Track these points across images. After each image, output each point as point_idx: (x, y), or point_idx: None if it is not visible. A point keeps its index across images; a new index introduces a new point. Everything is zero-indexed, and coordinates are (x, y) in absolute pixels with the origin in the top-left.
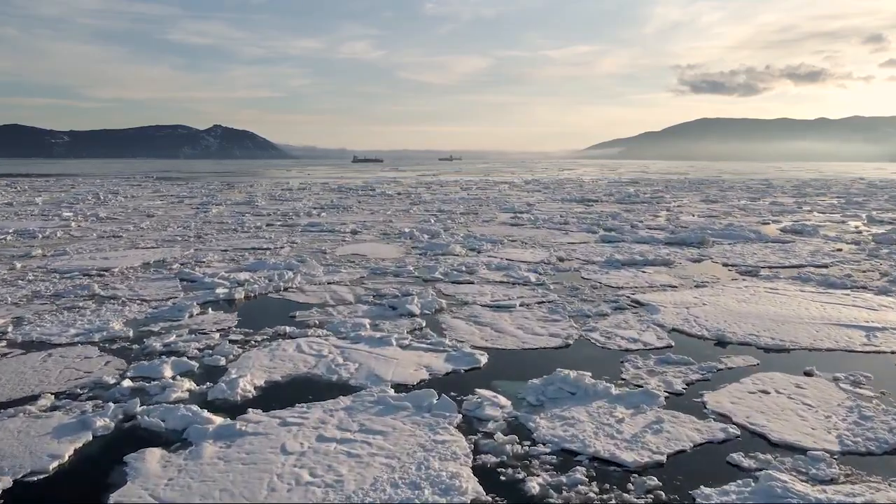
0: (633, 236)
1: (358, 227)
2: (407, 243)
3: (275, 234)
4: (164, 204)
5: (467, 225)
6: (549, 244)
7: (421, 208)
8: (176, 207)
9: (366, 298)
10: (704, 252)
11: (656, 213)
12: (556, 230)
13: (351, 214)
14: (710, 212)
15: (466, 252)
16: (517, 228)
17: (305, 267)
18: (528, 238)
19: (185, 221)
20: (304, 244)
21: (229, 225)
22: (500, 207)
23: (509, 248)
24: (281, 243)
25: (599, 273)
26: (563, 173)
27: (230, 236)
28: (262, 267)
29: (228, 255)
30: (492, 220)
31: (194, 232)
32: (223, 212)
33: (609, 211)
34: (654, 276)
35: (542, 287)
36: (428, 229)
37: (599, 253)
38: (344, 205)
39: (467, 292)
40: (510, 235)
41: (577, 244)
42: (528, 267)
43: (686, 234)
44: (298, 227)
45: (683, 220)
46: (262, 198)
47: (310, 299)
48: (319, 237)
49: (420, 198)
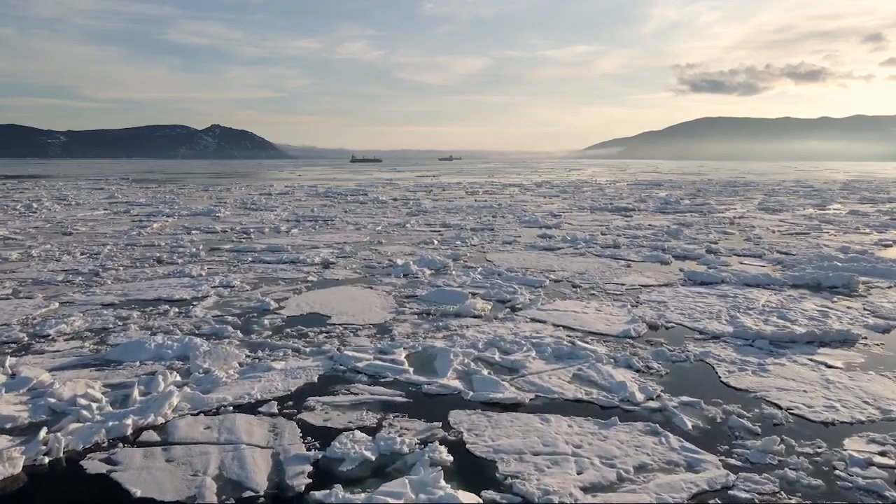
0: (729, 272)
1: (333, 253)
2: (398, 288)
3: (210, 267)
4: (103, 215)
5: (483, 248)
6: (613, 288)
7: (420, 220)
8: (114, 220)
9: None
10: (873, 305)
11: (724, 230)
12: (609, 258)
13: (330, 231)
14: (787, 226)
15: (493, 309)
16: (554, 255)
17: (210, 359)
18: (577, 274)
19: (102, 243)
20: (240, 290)
21: (157, 250)
22: (519, 219)
23: (558, 297)
24: (208, 288)
25: (745, 369)
26: (572, 174)
27: (140, 274)
28: (131, 357)
29: (97, 322)
30: (514, 239)
31: (95, 264)
32: (167, 227)
33: (658, 225)
34: (866, 383)
35: (667, 424)
36: (430, 259)
37: (708, 311)
38: (325, 216)
39: (516, 450)
40: (549, 269)
41: (657, 288)
42: (610, 352)
43: (812, 270)
44: (251, 253)
45: (774, 242)
46: (231, 206)
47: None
48: (272, 274)
49: (419, 205)
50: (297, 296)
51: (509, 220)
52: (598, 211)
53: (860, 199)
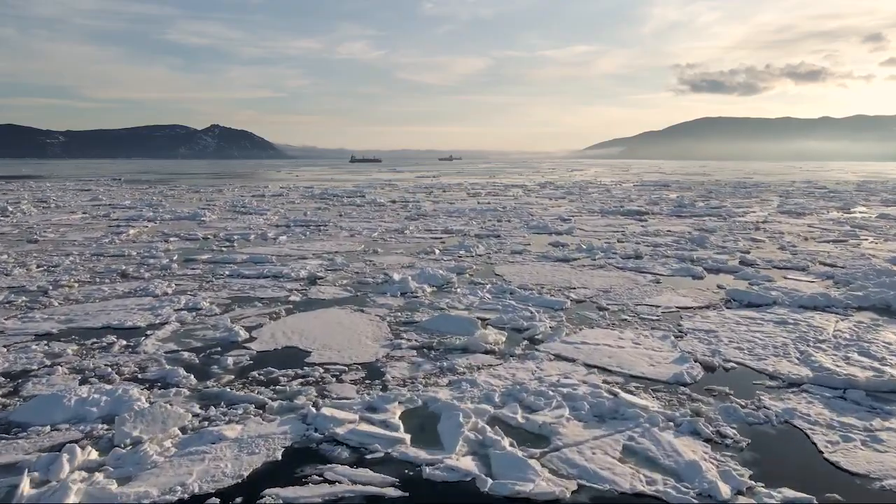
0: (777, 290)
1: (322, 265)
2: (395, 311)
3: (179, 284)
4: (80, 219)
5: (490, 259)
6: (647, 311)
7: (420, 225)
8: (89, 225)
9: None
10: None
11: (751, 236)
12: (633, 270)
13: (321, 238)
14: (818, 232)
15: (507, 342)
16: (570, 268)
17: (143, 424)
18: (601, 293)
19: (66, 253)
20: (208, 315)
21: (125, 261)
22: (526, 224)
23: (583, 324)
24: (170, 311)
25: (849, 437)
26: (575, 174)
27: (95, 292)
28: (42, 418)
29: (19, 363)
30: (524, 248)
31: (48, 279)
32: (144, 233)
33: (678, 230)
34: None
35: None
36: (431, 273)
37: (770, 344)
38: (318, 220)
39: None
40: (568, 285)
41: (698, 311)
42: (664, 408)
43: (875, 288)
44: (230, 265)
45: (813, 252)
46: (220, 209)
47: None
48: (249, 293)
49: (419, 208)
50: (273, 322)
51: (516, 226)
52: (609, 214)
53: (882, 202)
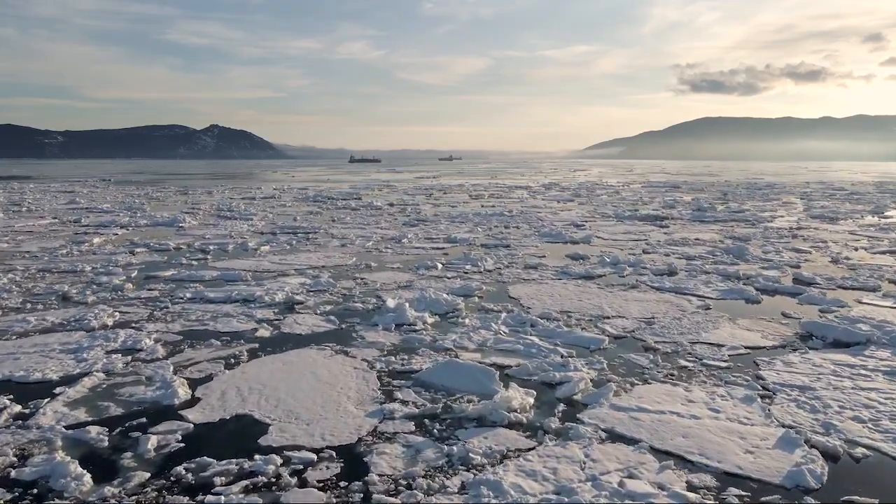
0: (867, 324)
1: (304, 285)
2: (387, 353)
3: (126, 312)
4: (46, 225)
5: (501, 275)
6: (709, 353)
7: (420, 232)
8: (53, 232)
9: None
10: None
11: (792, 246)
12: (672, 292)
13: (307, 249)
14: (864, 240)
15: (537, 407)
16: (597, 287)
17: None
18: (643, 325)
19: (9, 268)
20: (145, 361)
21: (74, 279)
22: (537, 231)
23: (632, 375)
24: (98, 355)
25: None
26: (578, 175)
27: (15, 325)
28: None
29: None
30: (539, 262)
31: None
32: (111, 243)
33: (707, 238)
34: None
35: None
36: (432, 298)
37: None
38: (308, 226)
39: None
40: (599, 313)
41: (775, 353)
42: None
43: None
44: (194, 286)
45: (875, 267)
46: (204, 213)
47: None
48: (209, 324)
49: (418, 212)
50: (228, 372)
51: (526, 233)
52: (625, 220)
53: None
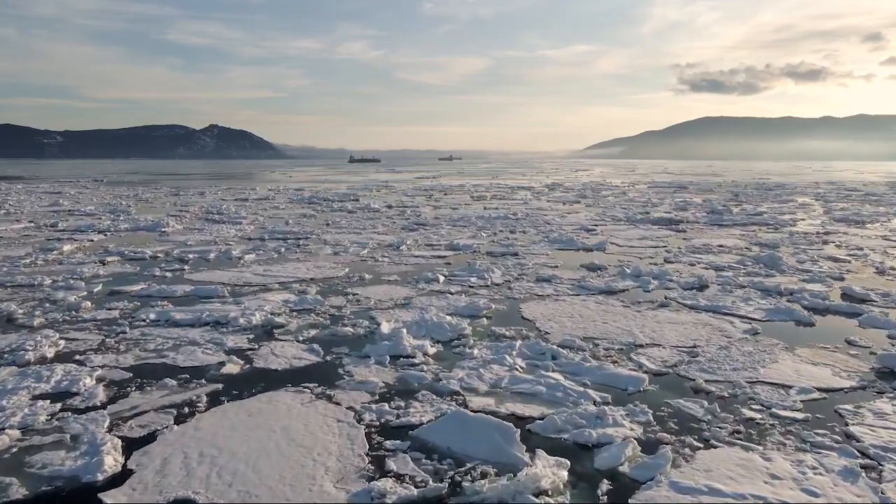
0: None
1: (287, 304)
2: (377, 397)
3: (73, 339)
4: (20, 230)
5: (511, 290)
6: (776, 398)
7: (420, 238)
8: (24, 238)
9: None
10: None
11: (828, 254)
12: (709, 311)
13: (296, 258)
14: None
15: (572, 485)
16: (623, 306)
17: None
18: (687, 356)
19: None
20: (78, 407)
21: (27, 294)
22: (546, 237)
23: (687, 431)
24: (22, 400)
25: None
26: (581, 175)
27: None
28: None
29: None
30: (552, 273)
31: None
32: (81, 250)
33: (731, 245)
34: None
35: None
36: (434, 323)
37: None
38: (300, 231)
39: None
40: (633, 341)
41: (857, 397)
42: None
43: None
44: (161, 304)
45: None
46: (191, 216)
47: None
48: (167, 356)
49: (418, 215)
50: (176, 429)
51: (534, 238)
52: (638, 223)
53: None
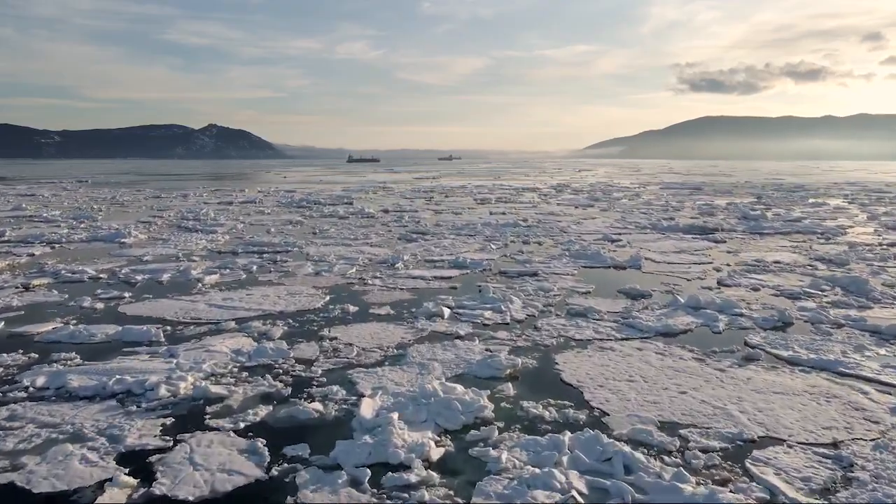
0: None
1: (238, 355)
2: None
3: None
4: None
5: (539, 330)
6: None
7: (419, 252)
8: None
9: None
10: None
11: None
12: (818, 368)
13: (268, 281)
14: None
15: None
16: (694, 359)
17: None
18: (835, 471)
19: None
20: None
21: None
22: (567, 251)
23: None
24: None
25: None
26: (585, 175)
27: None
28: None
29: None
30: (588, 306)
31: None
32: (12, 267)
33: (788, 261)
34: None
35: None
36: (439, 397)
37: None
38: (281, 242)
39: None
40: (741, 435)
41: None
42: None
43: None
44: (69, 356)
45: None
46: (161, 224)
47: None
48: (14, 478)
49: (417, 221)
50: None
51: (553, 252)
52: (667, 231)
53: None
